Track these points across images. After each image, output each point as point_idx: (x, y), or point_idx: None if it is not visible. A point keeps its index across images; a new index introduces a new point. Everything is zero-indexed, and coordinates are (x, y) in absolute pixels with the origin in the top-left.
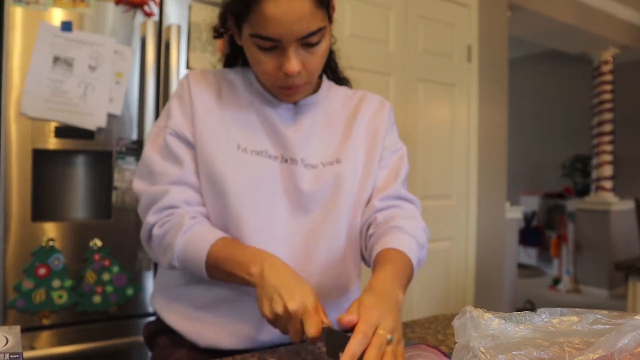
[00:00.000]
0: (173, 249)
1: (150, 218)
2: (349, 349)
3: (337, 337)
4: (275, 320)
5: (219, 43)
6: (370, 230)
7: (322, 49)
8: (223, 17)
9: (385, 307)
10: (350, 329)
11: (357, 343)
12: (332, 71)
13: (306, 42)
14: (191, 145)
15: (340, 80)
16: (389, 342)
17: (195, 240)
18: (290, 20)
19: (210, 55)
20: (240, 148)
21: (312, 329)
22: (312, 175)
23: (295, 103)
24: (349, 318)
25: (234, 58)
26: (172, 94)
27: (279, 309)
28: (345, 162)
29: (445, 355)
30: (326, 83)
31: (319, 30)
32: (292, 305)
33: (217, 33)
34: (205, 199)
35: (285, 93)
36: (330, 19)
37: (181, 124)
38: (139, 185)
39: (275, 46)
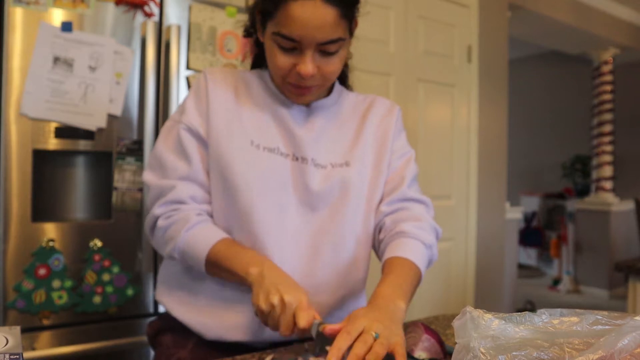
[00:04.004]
0: (176, 242)
1: (157, 210)
2: (334, 344)
3: (326, 340)
4: (269, 314)
5: (242, 43)
6: (380, 236)
7: (338, 58)
8: (252, 15)
9: (375, 316)
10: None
11: (341, 339)
12: (341, 80)
13: (324, 49)
14: (203, 142)
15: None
16: (375, 338)
17: (199, 237)
18: (313, 25)
19: (210, 55)
20: (253, 144)
21: (303, 320)
22: (321, 175)
23: (307, 105)
24: (332, 326)
25: (262, 58)
26: (190, 90)
27: (275, 300)
28: (353, 165)
29: (436, 339)
30: (338, 87)
31: (339, 40)
32: (288, 297)
33: (247, 32)
34: (216, 194)
35: (295, 92)
36: (351, 33)
37: (195, 120)
38: (149, 176)
39: (294, 47)
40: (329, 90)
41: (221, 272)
